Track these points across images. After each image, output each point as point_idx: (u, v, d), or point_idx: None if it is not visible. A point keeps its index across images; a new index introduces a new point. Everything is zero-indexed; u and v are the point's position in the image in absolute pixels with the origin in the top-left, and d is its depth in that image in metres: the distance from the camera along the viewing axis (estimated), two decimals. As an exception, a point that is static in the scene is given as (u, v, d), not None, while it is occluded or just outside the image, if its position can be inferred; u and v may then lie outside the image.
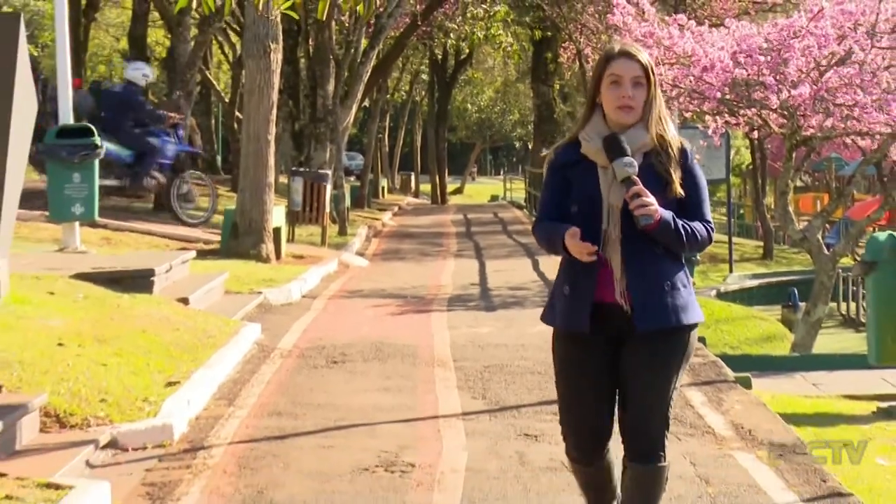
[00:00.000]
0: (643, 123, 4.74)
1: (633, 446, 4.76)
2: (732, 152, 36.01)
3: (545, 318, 4.94)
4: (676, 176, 4.71)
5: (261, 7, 7.16)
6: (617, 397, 4.81)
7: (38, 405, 7.17)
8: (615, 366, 4.77)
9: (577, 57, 34.53)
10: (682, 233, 4.65)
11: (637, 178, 4.59)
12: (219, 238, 17.84)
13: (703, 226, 4.74)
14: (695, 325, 4.77)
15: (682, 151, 4.77)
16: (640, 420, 4.73)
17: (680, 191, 4.70)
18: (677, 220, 4.65)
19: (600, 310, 4.70)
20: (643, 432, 4.73)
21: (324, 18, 24.64)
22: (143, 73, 20.92)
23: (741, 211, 51.11)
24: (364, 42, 27.33)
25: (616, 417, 4.84)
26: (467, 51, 43.28)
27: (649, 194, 4.58)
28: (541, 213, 4.88)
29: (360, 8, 6.41)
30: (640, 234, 4.63)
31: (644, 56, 4.74)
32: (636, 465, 4.76)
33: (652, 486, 4.79)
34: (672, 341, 4.72)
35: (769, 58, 15.88)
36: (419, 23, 29.79)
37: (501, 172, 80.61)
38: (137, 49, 33.40)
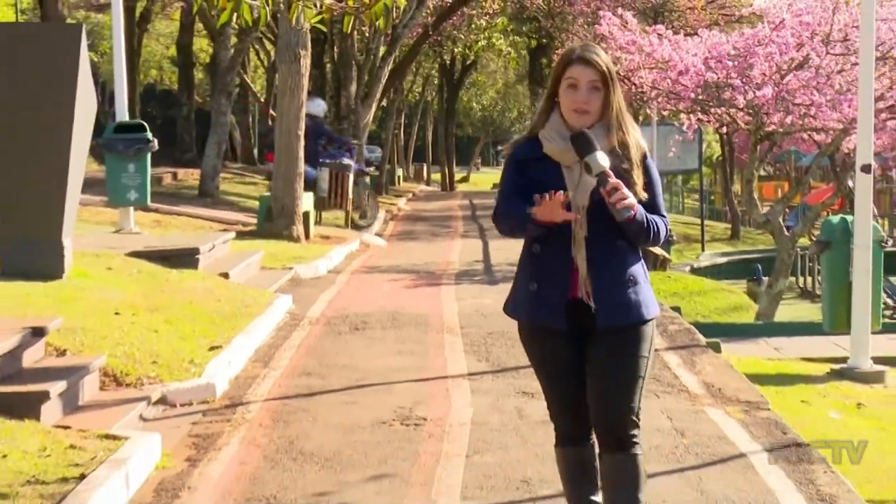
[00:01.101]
0: (602, 125, 4.24)
1: (603, 436, 4.33)
2: (704, 146, 35.88)
3: (510, 312, 4.48)
4: (640, 180, 4.25)
5: (293, 20, 7.12)
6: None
7: (98, 366, 7.17)
8: (583, 356, 4.34)
9: (569, 62, 34.38)
10: (650, 226, 4.23)
11: (611, 172, 4.12)
12: (255, 221, 17.82)
13: (661, 220, 4.30)
14: (653, 319, 4.34)
15: (643, 154, 4.30)
16: (606, 410, 4.28)
17: (644, 194, 4.25)
18: (646, 214, 4.26)
19: (569, 306, 4.29)
20: (610, 422, 4.28)
21: (347, 30, 24.55)
22: (322, 108, 21.36)
23: (712, 197, 50.97)
24: (382, 49, 27.21)
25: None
26: (472, 57, 43.06)
27: (625, 187, 4.13)
28: (500, 203, 4.34)
29: (379, 22, 6.35)
30: (603, 232, 4.22)
31: (602, 62, 4.21)
32: (607, 455, 4.33)
33: (624, 474, 4.30)
34: (634, 335, 4.28)
35: (736, 63, 15.84)
36: (430, 33, 29.62)
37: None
38: (184, 55, 33.40)
